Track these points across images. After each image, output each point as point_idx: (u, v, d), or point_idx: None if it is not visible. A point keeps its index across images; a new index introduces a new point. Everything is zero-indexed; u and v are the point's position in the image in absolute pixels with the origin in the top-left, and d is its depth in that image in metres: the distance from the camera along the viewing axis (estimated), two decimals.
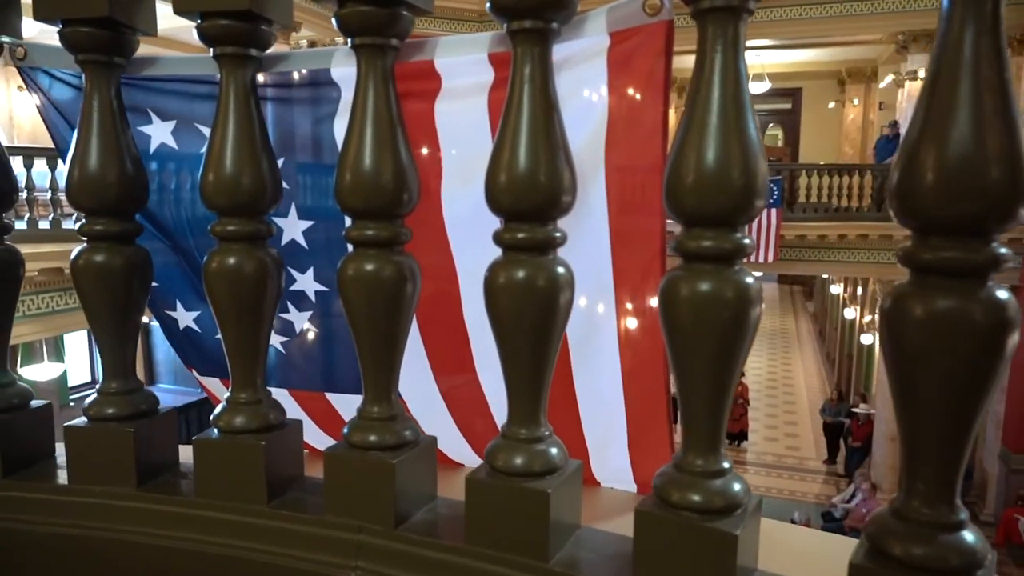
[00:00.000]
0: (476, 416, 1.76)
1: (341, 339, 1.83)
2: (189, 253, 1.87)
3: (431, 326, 1.71)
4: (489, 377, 1.72)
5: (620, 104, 1.42)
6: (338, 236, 1.73)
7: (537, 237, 1.06)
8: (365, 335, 1.20)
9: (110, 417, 1.34)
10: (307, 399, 1.93)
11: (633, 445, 1.67)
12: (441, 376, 1.80)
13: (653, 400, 1.61)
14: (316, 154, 1.69)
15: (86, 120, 1.30)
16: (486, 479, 1.11)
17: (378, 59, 1.15)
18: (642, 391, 1.61)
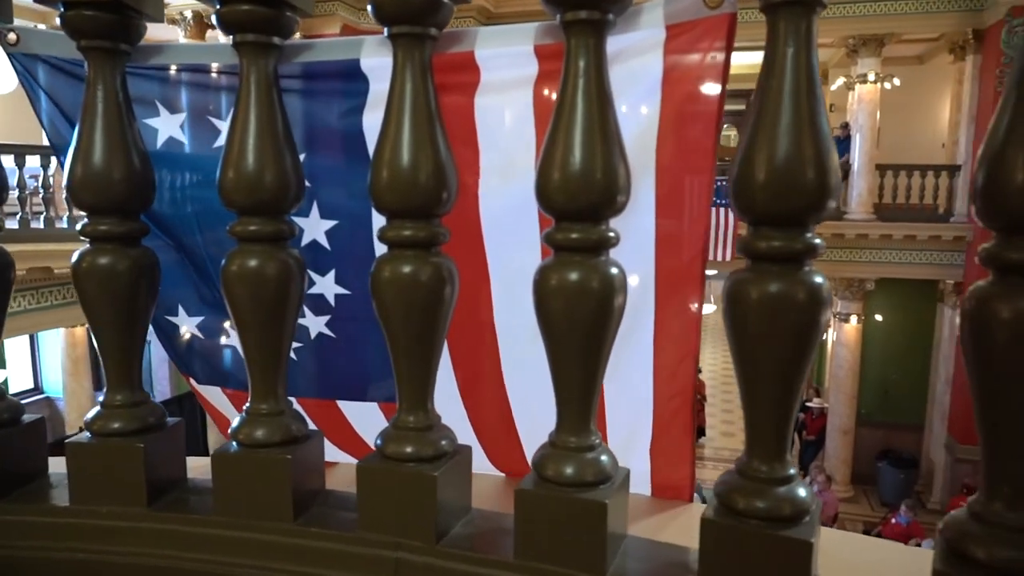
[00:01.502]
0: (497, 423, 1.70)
1: (358, 345, 1.76)
2: (195, 255, 1.77)
3: (457, 329, 1.65)
4: (516, 384, 1.67)
5: (674, 101, 1.39)
6: (363, 237, 1.66)
7: (591, 237, 1.02)
8: (401, 341, 1.14)
9: (116, 432, 1.25)
10: (315, 407, 1.85)
11: (655, 448, 1.64)
12: (463, 380, 1.74)
13: (680, 405, 1.58)
14: (341, 149, 1.61)
15: (89, 112, 1.20)
16: (537, 490, 1.06)
17: (416, 49, 1.09)
18: (671, 395, 1.59)
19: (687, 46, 1.34)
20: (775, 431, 0.96)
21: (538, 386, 1.77)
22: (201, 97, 1.60)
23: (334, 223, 1.66)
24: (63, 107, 1.63)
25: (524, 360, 1.71)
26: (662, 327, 1.53)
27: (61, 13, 1.16)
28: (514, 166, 1.48)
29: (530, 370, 1.72)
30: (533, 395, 1.76)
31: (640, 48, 1.36)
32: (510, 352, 1.67)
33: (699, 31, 1.32)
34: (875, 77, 13.28)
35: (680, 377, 1.56)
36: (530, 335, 1.71)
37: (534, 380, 1.74)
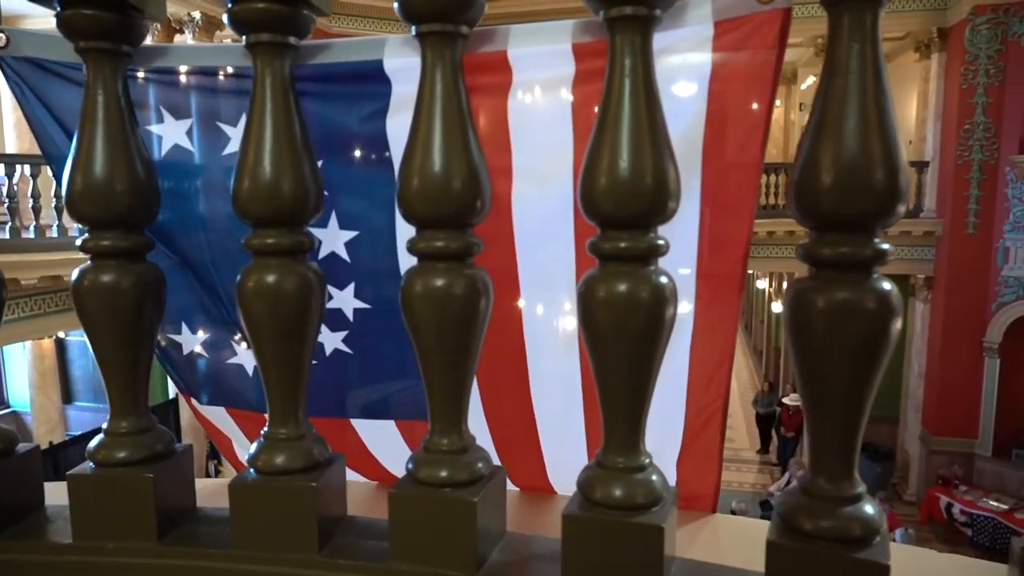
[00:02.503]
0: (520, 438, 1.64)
1: (376, 361, 1.68)
2: (202, 269, 1.67)
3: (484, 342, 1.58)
4: (543, 399, 1.61)
5: (722, 100, 1.34)
6: (385, 248, 1.59)
7: (640, 246, 0.97)
8: (434, 359, 1.07)
9: (122, 462, 1.16)
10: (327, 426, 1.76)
11: (683, 460, 1.59)
12: (487, 392, 1.67)
13: (712, 414, 1.54)
14: (362, 156, 1.53)
15: (89, 119, 1.12)
16: (585, 514, 1.00)
17: (447, 48, 1.02)
18: (704, 405, 1.54)
19: (736, 43, 1.29)
20: (843, 447, 0.92)
21: (566, 402, 1.73)
22: (209, 101, 1.51)
23: (354, 234, 1.58)
24: (58, 114, 1.52)
25: (553, 375, 1.66)
26: (700, 334, 1.48)
27: (58, 13, 1.07)
28: (550, 172, 1.42)
29: (559, 385, 1.66)
30: (560, 411, 1.71)
31: (687, 45, 1.31)
32: (538, 366, 1.61)
33: (749, 27, 1.27)
34: None
35: (714, 386, 1.51)
36: (561, 349, 1.67)
37: (562, 396, 1.69)
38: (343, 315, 1.67)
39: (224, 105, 1.50)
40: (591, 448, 1.78)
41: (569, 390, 1.67)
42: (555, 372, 1.65)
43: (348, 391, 1.80)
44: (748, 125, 1.35)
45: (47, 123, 1.54)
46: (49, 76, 1.49)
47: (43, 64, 1.49)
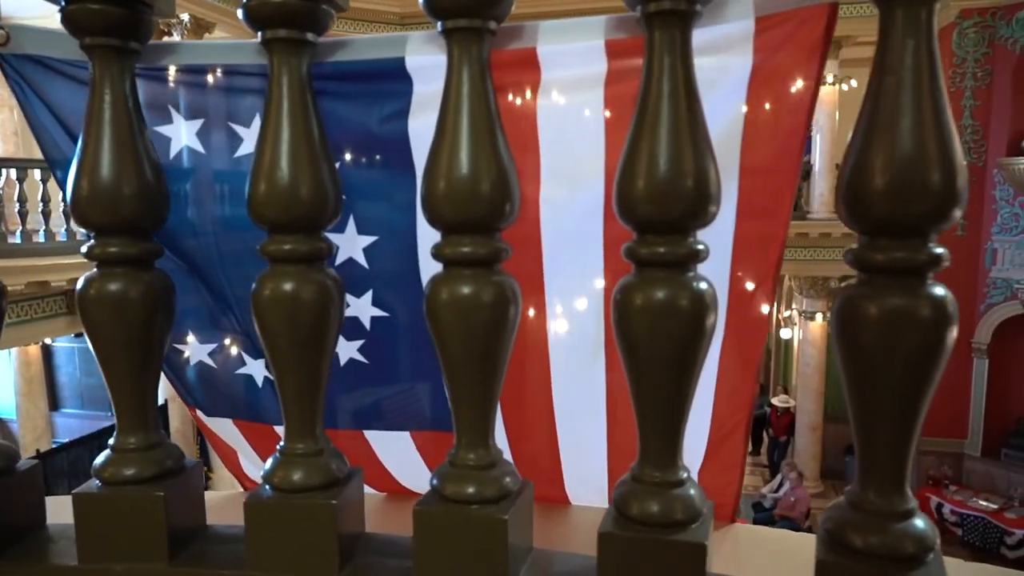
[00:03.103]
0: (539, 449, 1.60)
1: (392, 370, 1.63)
2: (210, 276, 1.62)
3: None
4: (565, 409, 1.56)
5: (762, 99, 1.29)
6: (405, 254, 1.54)
7: (679, 251, 0.93)
8: (460, 370, 1.03)
9: (130, 479, 1.11)
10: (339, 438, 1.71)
11: (705, 469, 1.55)
12: (508, 402, 1.62)
13: (736, 424, 1.50)
14: (382, 158, 1.48)
15: (95, 119, 1.06)
16: (622, 532, 0.96)
17: (474, 45, 0.98)
18: (729, 415, 1.50)
19: (779, 41, 1.25)
20: (894, 461, 0.88)
21: (589, 411, 1.69)
22: (221, 101, 1.45)
23: (373, 239, 1.53)
24: (61, 115, 1.46)
25: (577, 383, 1.62)
26: (730, 343, 1.45)
27: (62, 7, 1.02)
28: (580, 174, 1.38)
29: (583, 394, 1.62)
30: (583, 420, 1.67)
31: (726, 42, 1.27)
32: (562, 374, 1.57)
33: (792, 24, 1.23)
34: (834, 79, 13.58)
35: (740, 395, 1.47)
36: (586, 357, 1.63)
37: (586, 405, 1.65)
38: (360, 323, 1.62)
39: (237, 105, 1.44)
40: (612, 458, 1.74)
41: (593, 399, 1.63)
42: (579, 381, 1.61)
43: (362, 402, 1.75)
44: (788, 127, 1.31)
45: (50, 125, 1.48)
46: (52, 75, 1.43)
47: (46, 62, 1.42)
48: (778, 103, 1.31)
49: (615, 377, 1.60)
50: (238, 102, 1.44)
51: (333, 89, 1.41)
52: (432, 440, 1.79)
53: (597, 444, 1.70)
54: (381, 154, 1.47)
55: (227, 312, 1.73)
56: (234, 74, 1.41)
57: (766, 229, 1.40)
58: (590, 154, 1.36)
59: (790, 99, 1.30)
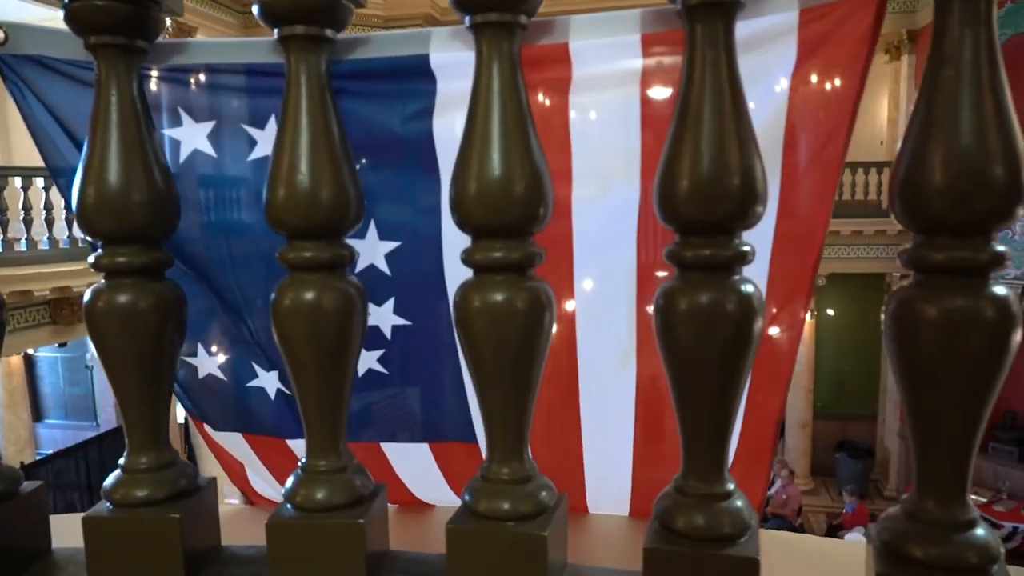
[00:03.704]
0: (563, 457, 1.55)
1: (412, 381, 1.58)
2: (222, 285, 1.55)
3: None
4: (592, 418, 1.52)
5: (806, 94, 1.26)
6: (429, 260, 1.49)
7: (725, 254, 0.89)
8: (493, 380, 0.98)
9: (143, 501, 1.05)
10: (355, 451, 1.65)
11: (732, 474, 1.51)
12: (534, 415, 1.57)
13: (766, 430, 1.46)
14: (405, 160, 1.42)
15: (101, 122, 1.01)
16: (669, 548, 0.92)
17: (504, 41, 0.93)
18: (760, 420, 1.46)
19: (824, 33, 1.21)
20: (955, 469, 0.84)
21: (617, 419, 1.65)
22: (233, 102, 1.39)
23: (395, 245, 1.47)
24: (63, 118, 1.39)
25: (605, 390, 1.57)
26: (765, 344, 1.41)
27: (66, 4, 0.97)
28: (613, 174, 1.33)
29: (611, 401, 1.58)
30: (609, 428, 1.63)
31: (769, 34, 1.23)
32: (590, 381, 1.52)
33: (838, 16, 1.20)
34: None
35: (771, 402, 1.43)
36: (614, 365, 1.59)
37: (614, 412, 1.61)
38: (380, 333, 1.56)
39: (250, 106, 1.38)
40: (637, 468, 1.70)
41: (621, 407, 1.59)
42: (608, 388, 1.57)
43: (380, 414, 1.69)
44: (832, 123, 1.27)
45: (51, 129, 1.41)
46: (54, 76, 1.36)
47: (47, 63, 1.35)
48: (822, 98, 1.27)
49: (645, 384, 1.56)
50: (252, 103, 1.38)
51: (352, 88, 1.35)
52: (452, 452, 1.75)
53: (622, 453, 1.66)
54: (403, 156, 1.41)
55: (238, 323, 1.67)
56: (247, 74, 1.35)
57: (806, 229, 1.36)
58: (625, 153, 1.31)
59: (835, 94, 1.26)
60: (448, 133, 1.33)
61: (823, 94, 1.27)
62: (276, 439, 1.83)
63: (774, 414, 1.46)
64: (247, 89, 1.37)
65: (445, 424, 1.69)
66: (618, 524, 1.75)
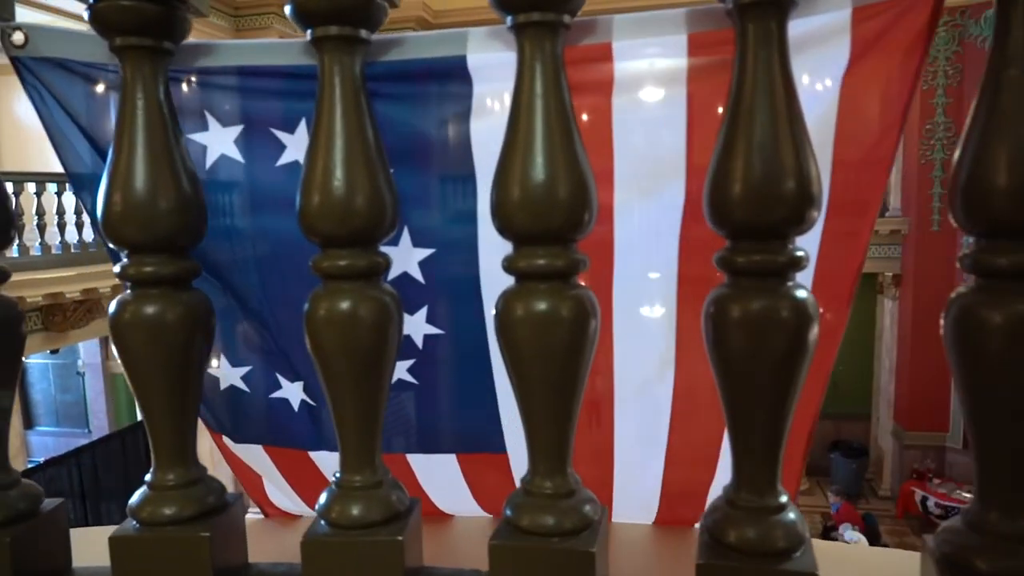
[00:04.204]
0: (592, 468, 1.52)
1: (441, 391, 1.54)
2: (247, 294, 1.51)
3: None
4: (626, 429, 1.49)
5: (858, 93, 1.23)
6: (465, 267, 1.45)
7: (779, 259, 0.86)
8: (536, 392, 0.95)
9: (171, 519, 1.01)
10: None
11: None
12: None
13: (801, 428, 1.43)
14: (439, 165, 1.39)
15: (127, 127, 0.97)
16: (722, 563, 0.89)
17: (547, 41, 0.91)
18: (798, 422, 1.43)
19: (877, 32, 1.19)
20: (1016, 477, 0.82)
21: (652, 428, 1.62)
22: (262, 106, 1.35)
23: (429, 252, 1.44)
24: (84, 124, 1.35)
25: (642, 399, 1.55)
26: None
27: (90, 5, 0.93)
28: (657, 177, 1.30)
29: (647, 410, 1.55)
30: (643, 437, 1.60)
31: (821, 34, 1.20)
32: (625, 392, 1.49)
33: (893, 14, 1.17)
34: None
35: (808, 407, 1.41)
36: (651, 374, 1.56)
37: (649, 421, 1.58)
38: (411, 342, 1.53)
39: (279, 109, 1.35)
40: (668, 477, 1.67)
41: (657, 416, 1.56)
42: (644, 396, 1.54)
43: (408, 425, 1.66)
44: (883, 123, 1.25)
45: (71, 135, 1.36)
46: (75, 80, 1.32)
47: (68, 66, 1.31)
48: (874, 98, 1.25)
49: (682, 393, 1.53)
50: (281, 106, 1.34)
51: (385, 91, 1.32)
52: (480, 463, 1.71)
53: (654, 462, 1.63)
54: (438, 160, 1.38)
55: (263, 332, 1.62)
56: (277, 76, 1.31)
57: (852, 230, 1.33)
58: (670, 156, 1.29)
59: (887, 94, 1.24)
60: (486, 137, 1.30)
61: (875, 94, 1.24)
62: (299, 451, 1.79)
63: (810, 419, 1.44)
64: (276, 92, 1.33)
65: (474, 435, 1.66)
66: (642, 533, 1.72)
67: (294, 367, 1.65)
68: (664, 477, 1.65)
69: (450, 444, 1.69)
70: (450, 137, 1.35)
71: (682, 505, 1.67)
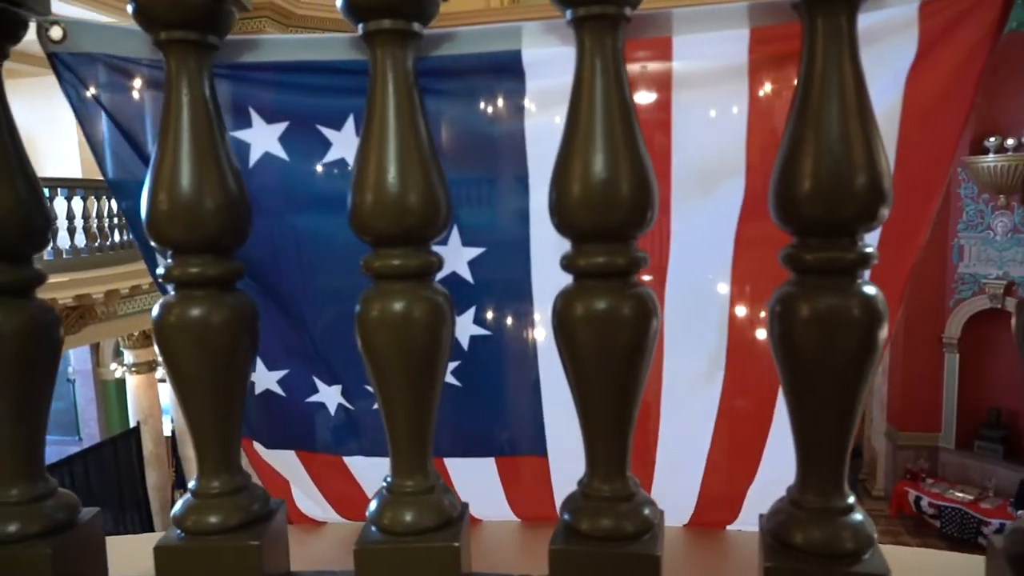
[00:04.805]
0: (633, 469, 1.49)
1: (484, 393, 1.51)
2: (287, 296, 1.48)
3: None
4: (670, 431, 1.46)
5: (923, 90, 1.22)
6: (516, 266, 1.43)
7: (849, 256, 0.85)
8: (596, 394, 0.93)
9: (217, 528, 0.98)
10: None
11: None
12: None
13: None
14: (491, 162, 1.36)
15: (173, 124, 0.94)
16: (791, 565, 0.87)
17: (608, 35, 0.89)
18: None
19: (945, 28, 1.17)
20: None
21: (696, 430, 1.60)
22: (307, 102, 1.32)
23: (480, 251, 1.41)
24: (122, 121, 1.30)
25: (687, 400, 1.53)
26: None
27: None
28: (715, 174, 1.28)
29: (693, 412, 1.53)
30: (687, 438, 1.58)
31: (889, 27, 1.19)
32: (674, 393, 1.47)
33: (961, 9, 1.16)
34: None
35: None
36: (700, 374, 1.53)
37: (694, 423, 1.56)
38: (457, 344, 1.50)
39: (325, 106, 1.32)
40: (707, 479, 1.66)
41: (703, 417, 1.55)
42: (691, 396, 1.52)
43: (449, 428, 1.63)
44: (946, 123, 1.23)
45: (109, 133, 1.32)
46: (114, 76, 1.28)
47: (107, 62, 1.27)
48: (939, 96, 1.23)
49: (729, 395, 1.51)
50: (327, 102, 1.31)
51: (436, 86, 1.29)
52: (519, 466, 1.69)
53: (695, 464, 1.61)
54: (490, 157, 1.36)
55: (301, 335, 1.59)
56: (323, 71, 1.27)
57: (910, 228, 1.32)
58: (728, 152, 1.27)
59: (952, 92, 1.22)
60: (540, 133, 1.28)
61: (940, 91, 1.23)
62: (333, 456, 1.76)
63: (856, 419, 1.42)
64: (323, 88, 1.30)
65: (516, 438, 1.64)
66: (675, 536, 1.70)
67: (332, 370, 1.62)
68: (703, 479, 1.63)
69: (490, 447, 1.66)
70: (502, 134, 1.32)
71: (717, 508, 1.66)
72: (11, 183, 0.94)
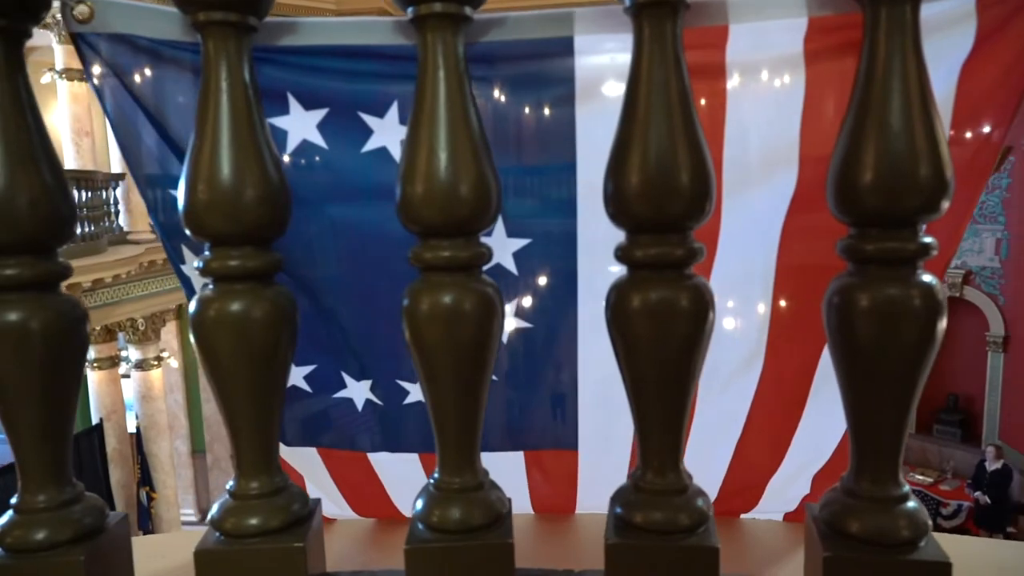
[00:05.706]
0: None
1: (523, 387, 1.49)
2: (321, 290, 1.43)
3: None
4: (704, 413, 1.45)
5: (975, 82, 1.21)
6: (561, 258, 1.40)
7: (909, 247, 0.85)
8: (652, 386, 0.92)
9: (257, 530, 0.95)
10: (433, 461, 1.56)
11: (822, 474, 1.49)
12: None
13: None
14: (539, 151, 1.33)
15: (212, 110, 0.90)
16: (851, 554, 0.87)
17: (667, 22, 0.87)
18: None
19: (1003, 18, 1.17)
20: None
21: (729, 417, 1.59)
22: (349, 88, 1.27)
23: (525, 242, 1.38)
24: (152, 107, 1.23)
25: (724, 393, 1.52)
26: None
27: None
28: (768, 164, 1.27)
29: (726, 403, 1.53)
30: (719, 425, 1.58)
31: (948, 19, 1.19)
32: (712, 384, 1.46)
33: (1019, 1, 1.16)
34: None
35: None
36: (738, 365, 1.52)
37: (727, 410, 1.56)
38: None
39: (367, 92, 1.27)
40: (733, 468, 1.66)
41: (737, 407, 1.55)
42: (728, 388, 1.52)
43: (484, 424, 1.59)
44: (995, 115, 1.24)
45: (137, 121, 1.25)
46: (144, 58, 1.20)
47: (137, 43, 1.20)
48: (991, 89, 1.24)
49: (766, 386, 1.52)
50: (370, 88, 1.26)
51: (483, 73, 1.26)
52: (547, 460, 1.67)
53: (723, 454, 1.62)
54: (537, 146, 1.33)
55: (331, 329, 1.54)
56: (366, 56, 1.22)
57: (953, 220, 1.33)
58: (782, 143, 1.26)
59: (1004, 82, 1.23)
60: (591, 122, 1.25)
61: (992, 83, 1.24)
62: (357, 453, 1.71)
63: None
64: (366, 73, 1.24)
65: (548, 431, 1.62)
66: None
67: (363, 365, 1.58)
68: (729, 470, 1.64)
69: (520, 440, 1.64)
70: (551, 122, 1.29)
71: (738, 496, 1.67)
72: (36, 169, 0.89)
